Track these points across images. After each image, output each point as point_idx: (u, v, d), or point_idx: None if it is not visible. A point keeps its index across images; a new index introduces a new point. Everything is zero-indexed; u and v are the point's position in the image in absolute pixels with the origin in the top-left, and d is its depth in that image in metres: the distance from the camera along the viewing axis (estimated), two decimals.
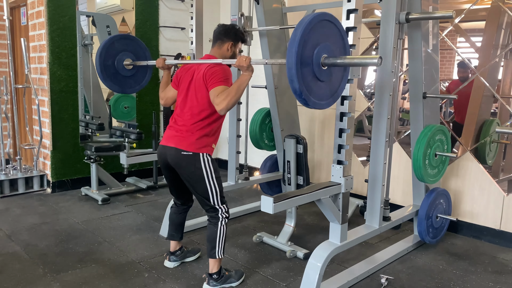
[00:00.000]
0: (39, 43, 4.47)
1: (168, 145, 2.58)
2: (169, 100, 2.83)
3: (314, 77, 2.05)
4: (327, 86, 2.16)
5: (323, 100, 2.15)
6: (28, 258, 3.01)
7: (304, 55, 1.96)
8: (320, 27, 2.02)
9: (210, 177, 2.55)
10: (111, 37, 3.33)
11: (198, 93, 2.54)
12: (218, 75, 2.47)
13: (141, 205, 4.25)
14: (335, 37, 2.13)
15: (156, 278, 2.77)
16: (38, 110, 4.41)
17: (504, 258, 3.22)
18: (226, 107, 2.37)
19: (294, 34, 1.94)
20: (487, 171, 3.51)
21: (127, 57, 3.39)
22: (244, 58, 2.34)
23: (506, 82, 3.58)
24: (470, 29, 3.77)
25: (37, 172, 4.59)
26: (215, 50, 2.69)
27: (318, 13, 2.01)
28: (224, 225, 2.61)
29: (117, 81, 3.41)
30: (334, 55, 2.10)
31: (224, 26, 2.71)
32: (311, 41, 1.98)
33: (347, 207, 2.59)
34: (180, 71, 2.74)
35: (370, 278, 2.85)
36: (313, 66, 2.03)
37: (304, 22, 1.95)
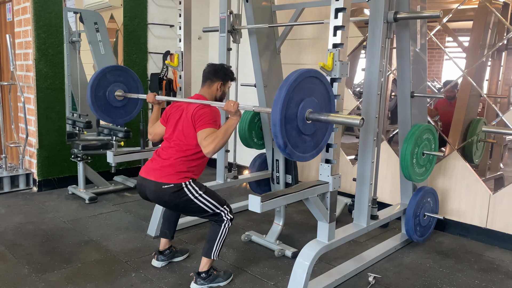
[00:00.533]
0: (25, 40, 4.40)
1: (148, 178, 2.56)
2: (157, 136, 2.84)
3: (299, 132, 2.14)
4: (312, 139, 2.24)
5: (307, 153, 2.24)
6: (13, 258, 2.97)
7: (289, 112, 2.06)
8: (305, 83, 2.11)
9: (198, 197, 2.55)
10: (103, 68, 3.31)
11: (186, 132, 2.56)
12: (206, 117, 2.50)
13: (129, 204, 4.21)
14: (320, 91, 2.22)
15: (143, 277, 2.75)
16: (24, 107, 4.34)
17: (490, 256, 3.25)
18: (213, 150, 2.39)
19: (279, 92, 2.01)
20: (474, 170, 3.54)
21: (119, 87, 3.39)
22: (232, 103, 2.36)
23: (493, 81, 3.62)
24: (458, 28, 3.80)
25: (23, 171, 4.53)
26: (204, 89, 2.71)
27: (303, 70, 2.08)
28: (227, 228, 2.62)
29: (108, 112, 3.41)
30: (319, 107, 2.20)
31: (214, 66, 2.74)
32: (296, 97, 2.08)
33: (335, 205, 2.59)
34: (170, 108, 2.75)
35: (358, 277, 2.86)
36: (297, 121, 2.12)
37: (289, 80, 2.02)
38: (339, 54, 2.37)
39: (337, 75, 2.38)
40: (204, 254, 2.63)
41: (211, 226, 2.65)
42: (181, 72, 3.50)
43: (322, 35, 4.41)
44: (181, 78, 3.51)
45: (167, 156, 2.58)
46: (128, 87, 3.44)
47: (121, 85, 3.39)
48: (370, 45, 2.78)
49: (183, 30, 3.41)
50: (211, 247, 2.60)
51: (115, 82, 3.36)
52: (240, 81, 3.90)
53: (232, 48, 3.63)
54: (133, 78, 3.47)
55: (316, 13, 4.32)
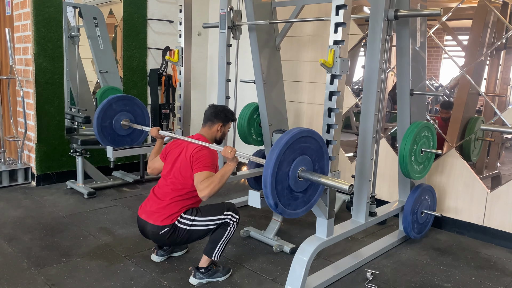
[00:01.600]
0: (24, 34, 4.39)
1: (147, 220, 2.61)
2: (155, 170, 2.88)
3: (290, 190, 2.16)
4: (304, 195, 2.26)
5: (299, 209, 2.26)
6: (12, 252, 2.97)
7: (280, 173, 2.07)
8: (299, 143, 2.12)
9: (194, 223, 2.58)
10: (109, 99, 3.34)
11: (183, 171, 2.59)
12: (205, 159, 2.53)
13: (127, 199, 4.22)
14: (314, 147, 2.23)
15: (142, 272, 2.76)
16: (23, 102, 4.34)
17: (486, 253, 3.27)
18: (209, 194, 2.43)
19: (271, 154, 2.03)
20: (471, 168, 3.56)
21: (125, 116, 3.43)
22: (229, 150, 2.40)
23: (491, 80, 3.63)
24: (457, 27, 3.81)
25: (22, 165, 4.52)
26: (205, 130, 2.74)
27: (296, 131, 2.09)
28: (233, 230, 2.64)
29: (114, 141, 3.46)
30: (313, 164, 2.23)
31: (215, 108, 2.77)
32: (288, 158, 2.10)
33: (333, 202, 2.60)
34: (170, 145, 2.79)
35: (355, 273, 2.88)
36: (289, 181, 2.14)
37: (281, 143, 2.03)
38: (340, 51, 2.37)
39: (338, 71, 2.39)
40: (205, 252, 2.64)
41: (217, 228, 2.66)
42: (181, 68, 3.50)
43: (321, 32, 4.41)
44: (181, 73, 3.52)
45: (163, 196, 2.61)
46: (134, 115, 3.49)
47: (127, 114, 3.44)
48: (370, 42, 2.79)
49: (184, 26, 3.42)
50: (214, 247, 2.61)
51: (121, 111, 3.40)
52: (239, 77, 3.91)
53: (232, 44, 3.64)
54: (138, 106, 3.52)
55: (316, 10, 4.33)
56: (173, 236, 2.56)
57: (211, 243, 2.63)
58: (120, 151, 3.32)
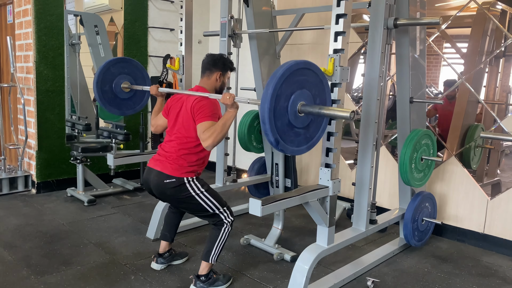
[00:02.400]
0: (25, 42, 4.41)
1: (153, 167, 2.60)
2: (159, 127, 2.86)
3: (291, 126, 2.10)
4: (306, 131, 2.20)
5: (302, 146, 2.21)
6: (11, 259, 2.96)
7: (278, 108, 2.01)
8: (295, 76, 2.05)
9: (200, 194, 2.57)
10: (106, 62, 3.32)
11: (186, 124, 2.57)
12: (205, 109, 2.50)
13: (127, 206, 4.21)
14: (314, 81, 2.17)
15: (142, 280, 2.75)
16: (24, 109, 4.35)
17: (487, 261, 3.27)
18: (212, 143, 2.40)
19: (266, 89, 1.97)
20: (471, 175, 3.56)
21: (125, 79, 3.39)
22: (228, 96, 2.36)
23: (490, 87, 3.65)
24: (456, 35, 3.83)
25: (22, 173, 4.53)
26: (204, 81, 2.71)
27: (292, 63, 2.02)
28: (227, 231, 2.62)
29: (116, 105, 3.43)
30: (313, 98, 2.16)
31: (212, 56, 2.74)
32: (286, 92, 2.02)
33: (334, 210, 2.61)
34: (171, 100, 2.76)
35: (356, 281, 2.87)
36: (288, 116, 2.07)
37: (276, 76, 1.97)
38: (340, 59, 2.39)
39: (338, 80, 2.40)
40: (202, 258, 2.64)
41: (211, 229, 2.66)
42: (182, 76, 3.51)
43: (321, 40, 4.44)
44: (182, 81, 3.53)
45: (170, 150, 2.59)
46: (134, 77, 3.44)
47: (127, 76, 3.39)
48: (370, 50, 2.80)
49: (184, 34, 3.43)
50: (210, 250, 2.61)
51: (120, 74, 3.35)
52: (239, 85, 3.92)
53: (232, 53, 3.65)
54: (137, 68, 3.47)
55: (316, 18, 4.35)
56: (176, 190, 2.52)
57: (207, 246, 2.62)
58: (120, 158, 3.31)
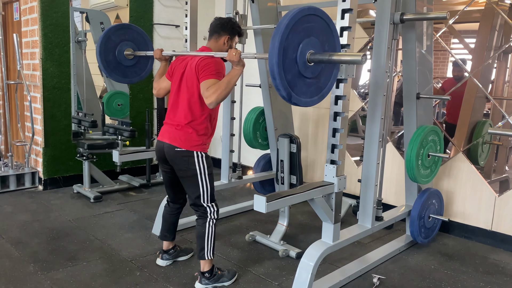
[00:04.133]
0: (31, 39, 4.43)
1: (163, 140, 2.60)
2: (161, 90, 2.81)
3: (301, 77, 2.04)
4: (318, 81, 2.14)
5: (315, 96, 2.15)
6: (18, 255, 2.98)
7: (287, 60, 1.94)
8: (301, 24, 1.98)
9: (202, 174, 2.56)
10: (106, 31, 3.29)
11: (190, 84, 2.52)
12: (210, 67, 2.45)
13: (133, 203, 4.23)
14: (321, 27, 2.09)
15: (148, 276, 2.76)
16: (30, 106, 4.37)
17: (495, 259, 3.24)
18: (216, 100, 2.34)
19: (272, 42, 1.90)
20: (479, 172, 3.53)
21: (127, 46, 3.36)
22: (234, 52, 2.32)
23: (499, 83, 3.60)
24: (464, 30, 3.79)
25: (29, 169, 4.55)
26: (211, 43, 2.67)
27: (296, 11, 1.95)
28: (212, 226, 2.61)
29: (122, 73, 3.40)
30: (322, 46, 2.08)
31: (221, 19, 2.69)
32: (293, 43, 1.96)
33: (340, 206, 2.59)
34: (175, 62, 2.72)
35: (362, 278, 2.86)
36: (298, 67, 2.01)
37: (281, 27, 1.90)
38: None
39: (343, 76, 2.38)
40: (198, 257, 2.64)
41: (196, 226, 2.65)
42: None
43: None
44: None
45: (177, 119, 2.56)
46: (136, 43, 3.42)
47: (128, 43, 3.36)
48: (376, 46, 2.78)
49: (189, 31, 3.42)
50: (202, 248, 2.60)
51: (122, 41, 3.33)
52: (245, 81, 3.91)
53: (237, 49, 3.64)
54: (138, 33, 3.44)
55: None
56: (183, 160, 2.52)
57: (198, 244, 2.62)
58: (126, 155, 3.32)
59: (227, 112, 3.67)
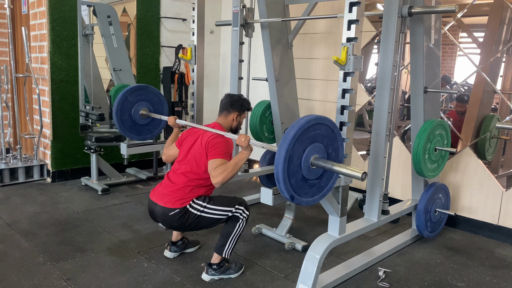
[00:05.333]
0: (40, 32, 4.46)
1: (157, 202, 2.63)
2: (170, 157, 2.90)
3: (304, 180, 2.13)
4: (320, 181, 2.22)
5: (316, 195, 2.23)
6: (28, 246, 3.03)
7: (292, 166, 2.03)
8: (308, 132, 2.07)
9: (205, 209, 2.60)
10: (123, 92, 3.37)
11: (198, 158, 2.61)
12: (220, 147, 2.55)
13: (140, 195, 4.26)
14: (326, 133, 2.17)
15: (155, 268, 2.79)
16: (39, 99, 4.40)
17: (501, 253, 3.24)
18: (222, 181, 2.44)
19: (279, 151, 1.98)
20: (486, 166, 3.52)
21: (143, 106, 3.46)
22: (243, 138, 2.40)
23: (507, 77, 3.58)
24: (472, 24, 3.76)
25: (37, 162, 4.60)
26: (221, 119, 2.77)
27: (303, 122, 2.02)
28: (242, 226, 2.65)
29: (136, 131, 3.52)
30: (326, 149, 2.17)
31: (231, 97, 2.81)
32: (298, 150, 2.05)
33: (346, 200, 2.60)
34: (186, 132, 2.82)
35: (368, 271, 2.87)
36: (302, 172, 2.10)
37: (288, 138, 1.98)
38: (353, 48, 2.36)
39: (351, 69, 2.38)
40: (216, 250, 2.66)
41: (227, 222, 2.67)
42: (194, 66, 3.52)
43: (334, 29, 4.39)
44: (194, 71, 3.53)
45: (176, 179, 2.63)
46: (151, 102, 3.51)
47: (144, 103, 3.46)
48: (384, 39, 2.77)
49: (197, 24, 3.43)
50: (224, 244, 2.63)
51: (138, 102, 3.42)
52: (251, 75, 3.91)
53: (244, 42, 3.64)
54: (154, 94, 3.53)
55: (329, 7, 4.31)
56: (182, 219, 2.56)
57: (221, 240, 2.64)
58: (133, 148, 3.35)
59: None
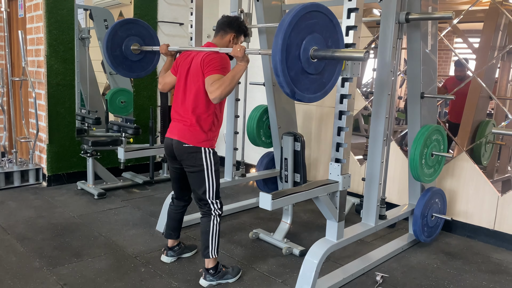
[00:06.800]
0: (36, 36, 4.44)
1: (171, 137, 2.62)
2: (166, 85, 2.84)
3: (305, 73, 2.06)
4: (320, 78, 2.15)
5: (318, 92, 2.17)
6: (24, 251, 3.00)
7: (290, 57, 1.96)
8: (304, 20, 1.98)
9: (209, 170, 2.58)
10: (113, 25, 3.29)
11: (195, 80, 2.54)
12: (215, 63, 2.47)
13: (137, 200, 4.24)
14: (324, 23, 2.09)
15: (152, 273, 2.78)
16: (35, 103, 4.38)
17: (497, 258, 3.25)
18: (220, 95, 2.38)
19: (275, 41, 1.91)
20: (482, 171, 3.54)
21: (134, 41, 3.37)
22: (238, 48, 2.35)
23: (502, 83, 3.61)
24: (467, 30, 3.79)
25: (33, 166, 4.57)
26: (217, 39, 2.69)
27: (299, 8, 1.94)
28: (216, 224, 2.63)
29: (128, 67, 3.42)
30: (325, 41, 2.09)
31: (229, 17, 2.72)
32: (296, 40, 1.97)
33: (344, 205, 2.61)
34: (180, 57, 2.75)
35: (365, 276, 2.87)
36: (301, 64, 2.02)
37: (283, 25, 1.91)
38: None
39: (349, 75, 2.39)
40: (203, 256, 2.65)
41: (201, 224, 2.66)
42: None
43: None
44: None
45: (185, 115, 2.57)
46: (142, 37, 3.41)
47: (135, 38, 3.36)
48: (381, 45, 2.79)
49: (195, 29, 3.43)
50: (207, 247, 2.62)
51: (128, 36, 3.33)
52: (249, 79, 3.92)
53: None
54: (144, 27, 3.43)
55: None
56: (191, 156, 2.55)
57: (203, 242, 2.63)
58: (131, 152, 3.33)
59: (231, 110, 3.68)
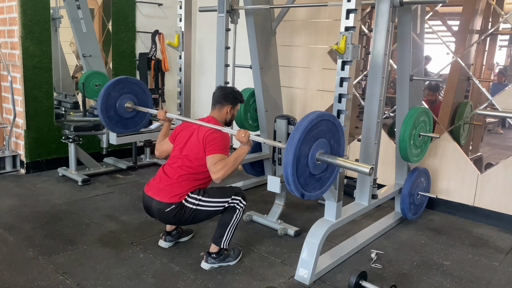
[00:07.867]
0: (9, 16, 4.21)
1: (152, 197, 2.58)
2: (163, 153, 2.85)
3: (312, 176, 2.18)
4: (325, 173, 2.27)
5: (324, 187, 2.30)
6: (14, 240, 2.91)
7: (300, 166, 2.07)
8: (312, 130, 2.09)
9: (200, 203, 2.58)
10: (105, 87, 3.21)
11: (195, 152, 2.57)
12: (218, 142, 2.53)
13: (123, 185, 4.17)
14: (328, 127, 2.20)
15: (152, 258, 2.76)
16: (11, 87, 4.18)
17: (478, 232, 3.44)
18: (222, 176, 2.44)
19: (286, 155, 2.00)
20: (463, 150, 3.70)
21: (127, 99, 3.31)
22: (243, 134, 2.39)
23: (477, 66, 3.76)
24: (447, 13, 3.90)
25: (9, 153, 4.39)
26: (215, 112, 2.74)
27: (306, 124, 2.04)
28: (239, 216, 2.65)
29: (123, 125, 3.38)
30: (328, 142, 2.21)
31: (224, 90, 2.78)
32: (304, 150, 2.08)
33: (342, 185, 2.67)
34: (180, 127, 2.77)
35: (360, 253, 2.97)
36: (309, 170, 2.14)
37: (293, 141, 2.01)
38: (352, 37, 2.41)
39: (349, 57, 2.43)
40: (214, 241, 2.66)
41: (222, 214, 2.67)
42: (182, 52, 3.46)
43: (315, 16, 4.43)
44: (182, 58, 3.47)
45: (172, 173, 2.60)
46: (134, 94, 3.36)
47: (128, 95, 3.32)
48: (376, 29, 2.83)
49: (184, 10, 3.36)
50: (222, 235, 2.63)
51: (121, 95, 3.29)
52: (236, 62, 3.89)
53: (230, 29, 3.61)
54: (135, 84, 3.39)
55: None
56: (179, 214, 2.55)
57: (218, 231, 2.64)
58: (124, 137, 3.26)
59: None
